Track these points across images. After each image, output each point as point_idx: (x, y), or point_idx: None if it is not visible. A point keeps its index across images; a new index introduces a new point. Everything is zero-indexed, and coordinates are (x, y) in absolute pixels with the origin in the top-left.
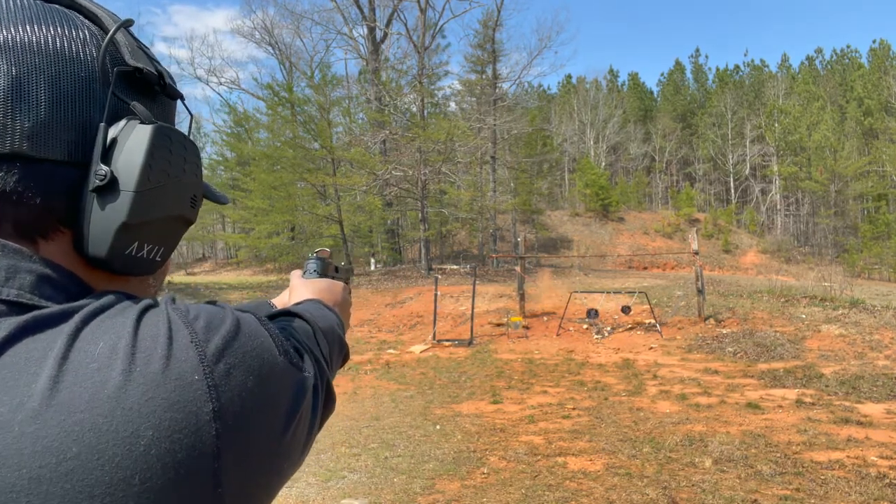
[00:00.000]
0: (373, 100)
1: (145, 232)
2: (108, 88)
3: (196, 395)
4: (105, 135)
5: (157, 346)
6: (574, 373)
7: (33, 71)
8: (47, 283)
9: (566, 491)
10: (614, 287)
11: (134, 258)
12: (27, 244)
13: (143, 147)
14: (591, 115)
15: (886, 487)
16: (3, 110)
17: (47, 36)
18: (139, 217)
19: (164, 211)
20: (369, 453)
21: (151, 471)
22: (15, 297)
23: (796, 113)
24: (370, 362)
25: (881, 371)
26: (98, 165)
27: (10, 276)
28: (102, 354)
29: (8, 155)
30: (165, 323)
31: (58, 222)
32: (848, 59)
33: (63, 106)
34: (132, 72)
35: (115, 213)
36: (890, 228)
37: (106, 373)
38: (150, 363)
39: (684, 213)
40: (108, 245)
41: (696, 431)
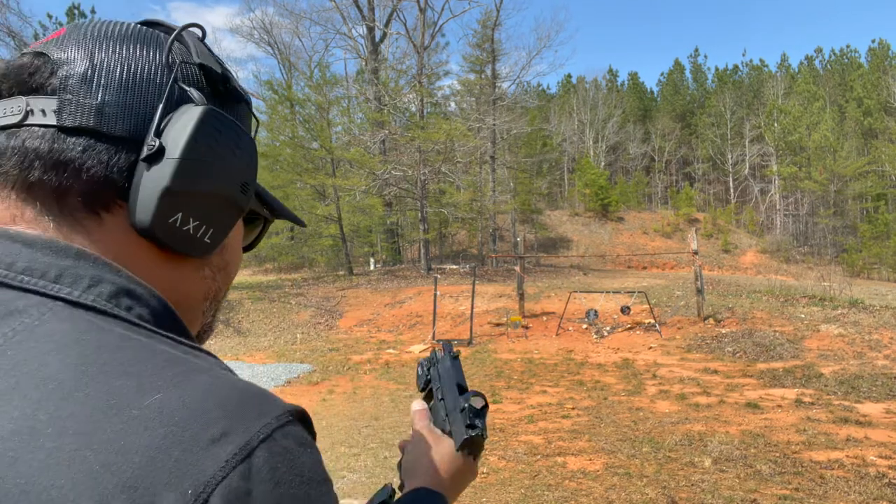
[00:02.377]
0: (372, 99)
1: (189, 203)
2: (171, 77)
3: None
4: (161, 115)
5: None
6: (573, 373)
7: (108, 59)
8: (127, 295)
9: (566, 490)
10: (614, 287)
11: (179, 230)
12: (90, 215)
13: (192, 123)
14: (591, 114)
15: (885, 487)
16: (77, 90)
17: (123, 30)
18: (181, 184)
19: (207, 186)
20: (369, 453)
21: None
22: (91, 302)
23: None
24: (369, 362)
25: (880, 371)
26: (151, 138)
27: (92, 284)
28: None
29: (77, 128)
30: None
31: (116, 195)
32: (847, 59)
33: (129, 90)
34: (196, 67)
35: (160, 178)
36: (889, 228)
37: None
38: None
39: (683, 212)
40: (153, 210)
41: (696, 431)
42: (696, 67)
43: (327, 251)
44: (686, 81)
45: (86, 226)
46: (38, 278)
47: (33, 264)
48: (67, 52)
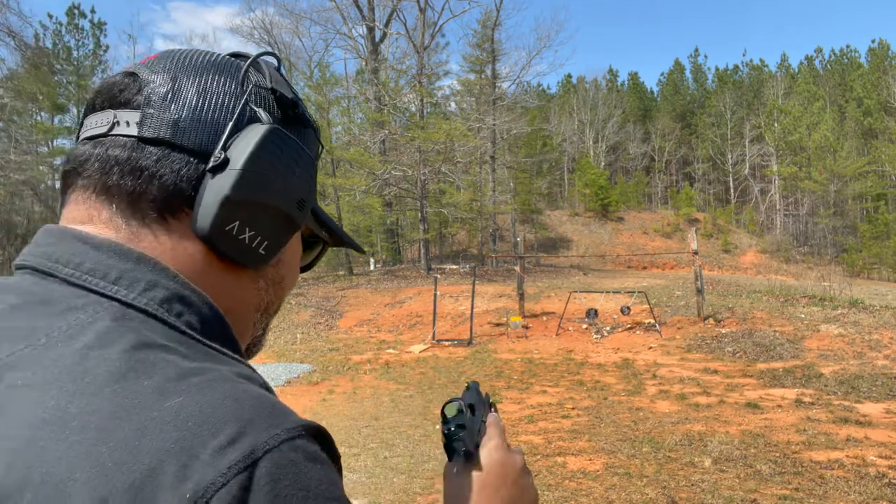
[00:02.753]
0: (372, 99)
1: (246, 213)
2: (243, 98)
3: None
4: (230, 131)
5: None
6: (573, 372)
7: (188, 80)
8: (179, 301)
9: (566, 490)
10: (614, 287)
11: (235, 239)
12: (158, 224)
13: (256, 139)
14: (591, 114)
15: (885, 487)
16: (158, 105)
17: (207, 58)
18: (240, 194)
19: (265, 198)
20: (369, 453)
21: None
22: (144, 306)
23: (796, 113)
24: (369, 362)
25: (880, 371)
26: (218, 151)
27: (148, 288)
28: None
29: (154, 139)
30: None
31: (183, 203)
32: (847, 59)
33: (203, 108)
34: (269, 91)
35: (221, 187)
36: (889, 228)
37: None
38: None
39: (683, 212)
40: (212, 217)
41: (696, 431)
42: (697, 67)
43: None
44: (686, 81)
45: (153, 229)
46: (99, 279)
47: (97, 266)
48: (154, 73)
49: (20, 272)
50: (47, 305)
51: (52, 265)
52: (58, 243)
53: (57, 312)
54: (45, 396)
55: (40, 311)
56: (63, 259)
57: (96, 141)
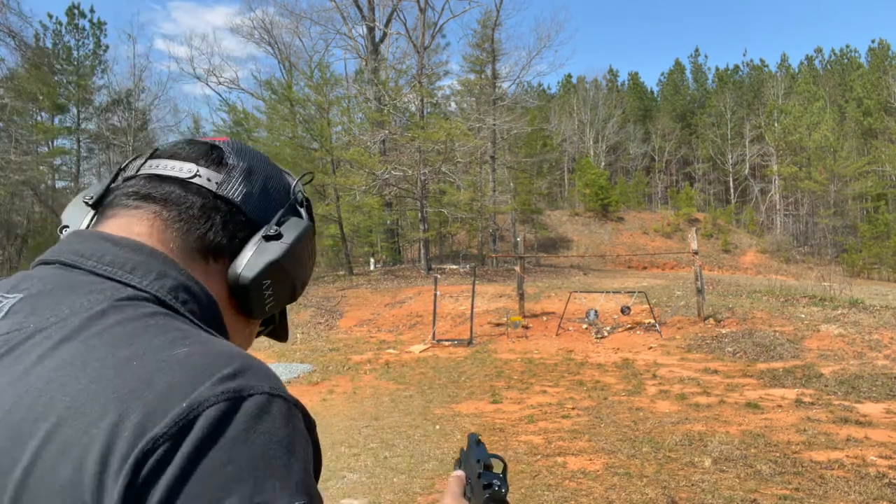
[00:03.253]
0: (372, 99)
1: (277, 279)
2: (290, 198)
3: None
4: (281, 215)
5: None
6: (573, 373)
7: (260, 169)
8: (184, 291)
9: (566, 491)
10: (614, 287)
11: (262, 293)
12: (200, 257)
13: (302, 227)
14: (591, 114)
15: (886, 487)
16: (237, 176)
17: (268, 161)
18: (284, 261)
19: (292, 271)
20: (369, 453)
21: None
22: (155, 292)
23: (796, 113)
24: (370, 362)
25: (880, 371)
26: (272, 226)
27: (159, 277)
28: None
29: (227, 199)
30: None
31: (227, 253)
32: (847, 59)
33: (267, 193)
34: (304, 199)
35: (272, 252)
36: (889, 228)
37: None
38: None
39: (684, 212)
40: (258, 270)
41: (696, 431)
42: (697, 67)
43: (327, 251)
44: (686, 81)
45: (197, 262)
46: (118, 269)
47: (116, 258)
48: (236, 154)
49: (48, 266)
50: (72, 289)
51: (78, 259)
52: (84, 242)
53: (80, 294)
54: (71, 348)
55: (66, 293)
56: (87, 253)
57: (179, 181)
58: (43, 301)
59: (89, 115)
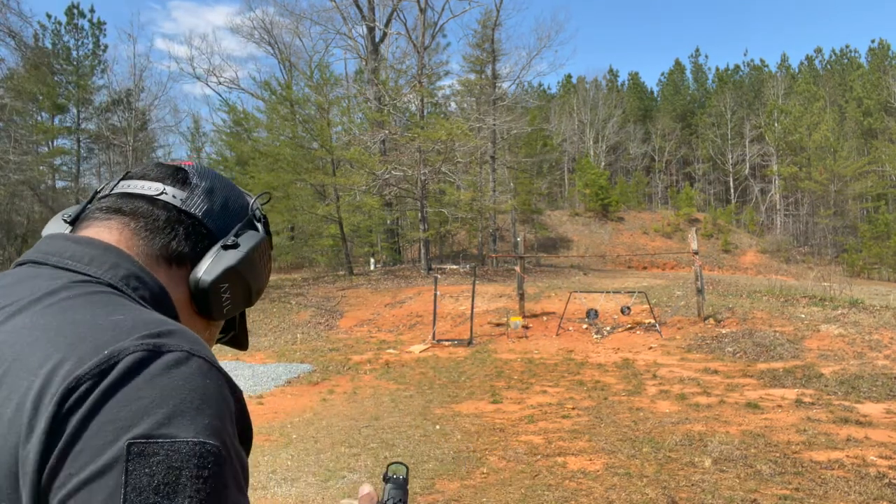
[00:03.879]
0: (372, 99)
1: (234, 283)
2: (248, 214)
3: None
4: (238, 228)
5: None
6: (573, 373)
7: (221, 188)
8: (135, 279)
9: (566, 491)
10: (614, 287)
11: (220, 296)
12: (164, 263)
13: (256, 239)
14: (591, 114)
15: (886, 487)
16: (200, 195)
17: (228, 182)
18: (240, 267)
19: (248, 278)
20: (369, 453)
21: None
22: (108, 279)
23: (796, 113)
24: (370, 362)
25: (880, 371)
26: (231, 237)
27: (112, 268)
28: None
29: (189, 214)
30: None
31: (189, 260)
32: (847, 59)
33: (227, 209)
34: (262, 214)
35: (230, 258)
36: (889, 228)
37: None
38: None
39: (684, 212)
40: (216, 274)
41: (696, 431)
42: (697, 67)
43: (327, 251)
44: (686, 81)
45: (162, 268)
46: (76, 261)
47: (76, 253)
48: (199, 176)
49: (22, 266)
50: (35, 278)
51: (44, 256)
52: (51, 242)
53: (41, 281)
54: (20, 318)
55: (30, 283)
56: (51, 251)
57: (147, 198)
58: (9, 290)
59: (89, 115)
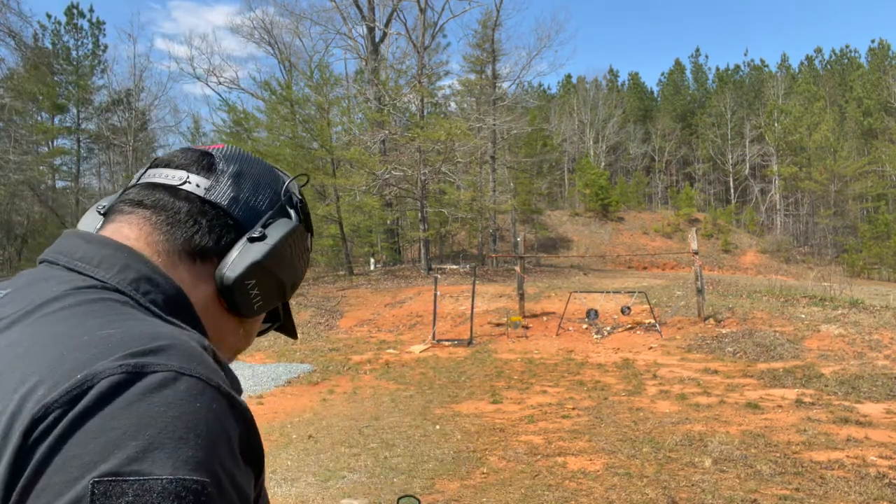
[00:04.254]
0: (372, 99)
1: (262, 278)
2: (282, 199)
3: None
4: (268, 217)
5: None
6: (574, 373)
7: (250, 173)
8: (146, 282)
9: (566, 491)
10: (614, 287)
11: (247, 292)
12: (187, 259)
13: (287, 228)
14: (591, 114)
15: (886, 487)
16: (225, 182)
17: (261, 162)
18: (267, 261)
19: (278, 272)
20: (369, 453)
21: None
22: (116, 283)
23: (796, 113)
24: (370, 362)
25: (881, 371)
26: (258, 228)
27: (122, 270)
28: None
29: (214, 203)
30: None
31: (215, 254)
32: (847, 59)
33: (255, 196)
34: (298, 200)
35: (256, 252)
36: (889, 228)
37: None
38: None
39: (684, 212)
40: (241, 271)
41: (696, 431)
42: (697, 67)
43: (327, 251)
44: (687, 81)
45: (185, 264)
46: (86, 263)
47: (86, 254)
48: (227, 160)
49: (40, 265)
50: (45, 281)
51: (56, 256)
52: (64, 241)
53: (49, 285)
54: (14, 330)
55: (39, 286)
56: (63, 251)
57: (169, 188)
58: (20, 294)
59: (89, 115)
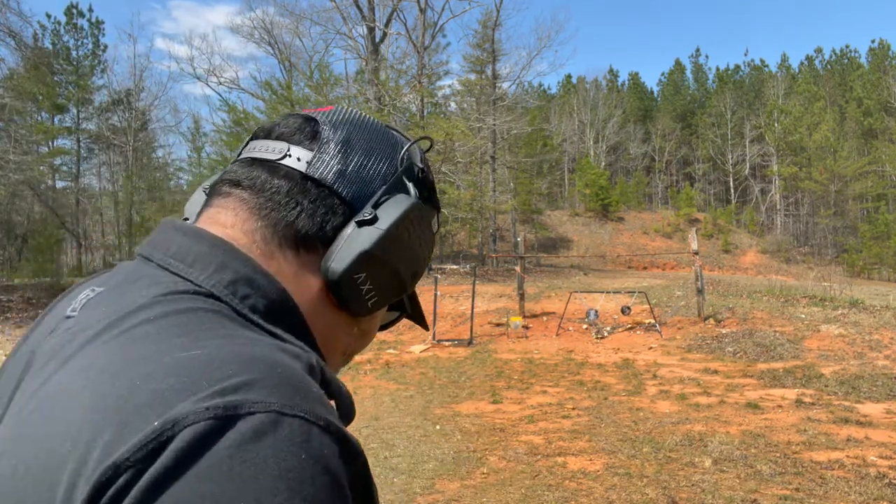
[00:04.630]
0: (372, 100)
1: (374, 270)
2: (398, 170)
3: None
4: (381, 194)
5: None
6: (574, 373)
7: (359, 140)
8: (245, 284)
9: (566, 491)
10: (614, 287)
11: (357, 287)
12: (290, 248)
13: (403, 207)
14: (591, 114)
15: (886, 487)
16: (330, 153)
17: (375, 124)
18: (377, 250)
19: (394, 261)
20: (369, 453)
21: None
22: (211, 286)
23: (796, 113)
24: (369, 362)
25: (881, 371)
26: (368, 208)
27: (218, 270)
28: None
29: (317, 180)
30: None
31: (319, 242)
32: (847, 59)
33: (366, 168)
34: (419, 170)
35: (364, 240)
36: (889, 228)
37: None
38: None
39: (684, 213)
40: (347, 264)
41: (696, 431)
42: (697, 67)
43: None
44: (687, 81)
45: (285, 254)
46: (179, 261)
47: (181, 250)
48: (332, 125)
49: (137, 259)
50: (136, 283)
51: (151, 251)
52: (159, 233)
53: (138, 288)
54: (93, 352)
55: (129, 287)
56: (159, 245)
57: (268, 164)
58: (109, 296)
59: (89, 115)
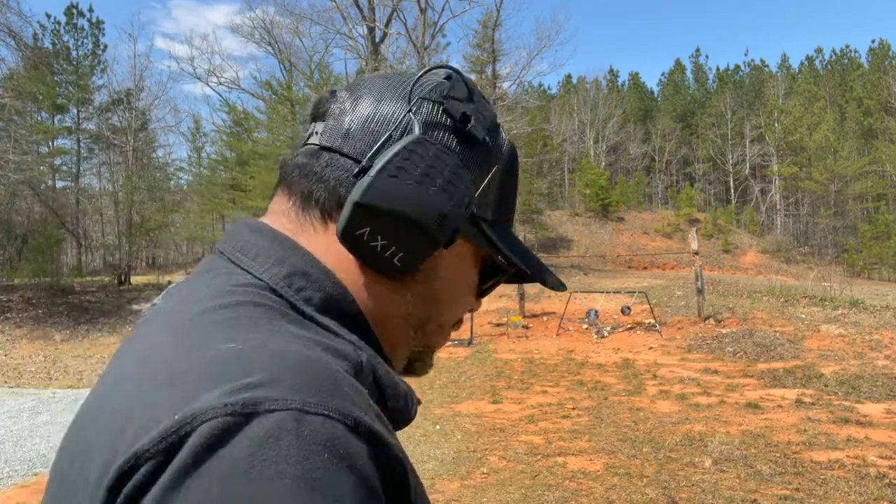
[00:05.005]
0: None
1: (376, 221)
2: (407, 110)
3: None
4: (384, 141)
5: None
6: (574, 373)
7: (366, 96)
8: (301, 277)
9: (566, 491)
10: (614, 287)
11: (367, 245)
12: (322, 219)
13: (395, 148)
14: (591, 114)
15: (886, 487)
16: (337, 117)
17: (393, 75)
18: (368, 199)
19: (396, 206)
20: None
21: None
22: (269, 280)
23: (796, 113)
24: None
25: (881, 371)
26: (367, 158)
27: (276, 264)
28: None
29: (328, 147)
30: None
31: (338, 206)
32: (847, 59)
33: (370, 119)
34: (436, 104)
35: (355, 192)
36: (889, 228)
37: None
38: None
39: (684, 213)
40: (344, 221)
41: (696, 431)
42: (698, 67)
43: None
44: (687, 81)
45: (315, 227)
46: (244, 255)
47: (247, 244)
48: (347, 90)
49: (215, 252)
50: (205, 274)
51: (223, 245)
52: (234, 226)
53: (208, 279)
54: (154, 340)
55: (201, 279)
56: (230, 238)
57: (307, 147)
58: (185, 287)
59: (89, 115)
